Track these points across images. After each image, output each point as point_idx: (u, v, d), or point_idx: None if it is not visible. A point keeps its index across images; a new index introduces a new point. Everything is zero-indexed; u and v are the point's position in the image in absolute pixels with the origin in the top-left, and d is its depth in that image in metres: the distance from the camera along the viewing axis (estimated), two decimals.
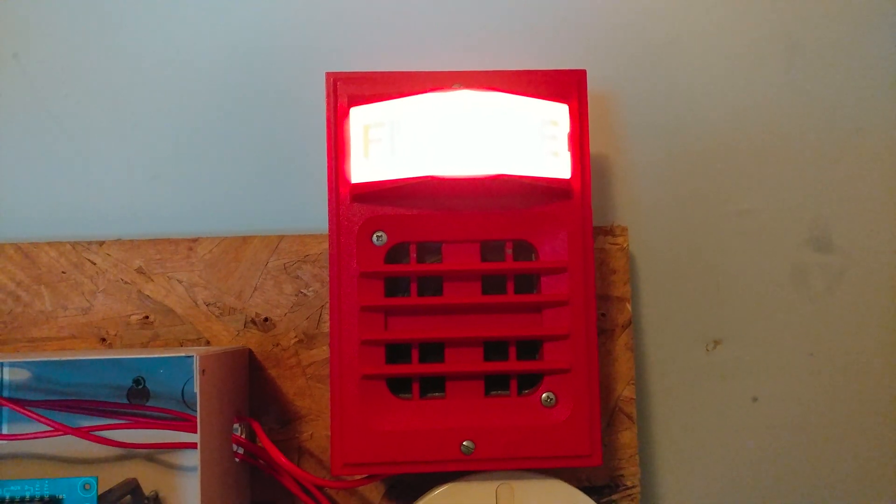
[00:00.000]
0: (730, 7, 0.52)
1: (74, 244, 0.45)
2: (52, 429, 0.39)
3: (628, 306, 0.47)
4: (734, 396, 0.56)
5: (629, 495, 0.47)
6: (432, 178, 0.36)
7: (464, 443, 0.39)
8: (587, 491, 0.44)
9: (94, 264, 0.46)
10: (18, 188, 0.48)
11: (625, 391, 0.47)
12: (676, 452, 0.56)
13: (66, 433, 0.40)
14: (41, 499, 0.39)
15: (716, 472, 0.57)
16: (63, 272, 0.45)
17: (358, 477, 0.41)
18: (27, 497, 0.39)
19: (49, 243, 0.45)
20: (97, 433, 0.40)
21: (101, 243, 0.46)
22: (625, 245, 0.47)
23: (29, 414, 0.40)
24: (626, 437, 0.47)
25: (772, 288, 0.54)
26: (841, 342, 0.56)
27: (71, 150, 0.48)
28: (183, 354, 0.37)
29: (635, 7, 0.51)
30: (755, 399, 0.56)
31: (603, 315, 0.46)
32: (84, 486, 0.39)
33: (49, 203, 0.48)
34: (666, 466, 0.56)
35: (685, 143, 0.52)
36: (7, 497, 0.39)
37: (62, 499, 0.39)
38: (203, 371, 0.36)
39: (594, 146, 0.48)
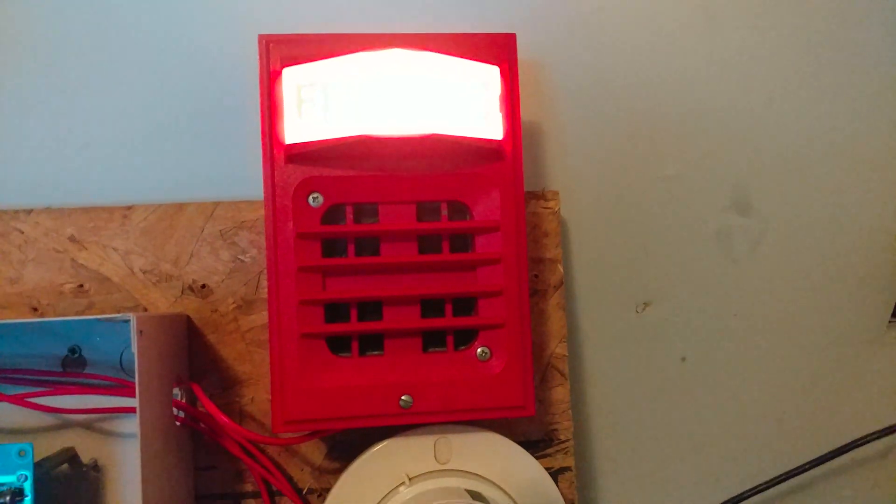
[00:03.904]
0: None
1: (2, 212, 0.44)
2: None
3: (560, 267, 0.49)
4: (664, 356, 0.58)
5: (563, 449, 0.49)
6: (365, 136, 0.37)
7: (402, 397, 0.40)
8: (523, 445, 0.46)
9: (23, 233, 0.45)
10: None
11: (557, 348, 0.49)
12: (608, 409, 0.58)
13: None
14: None
15: (645, 428, 0.59)
16: None
17: (297, 434, 0.41)
18: None
19: None
20: (31, 399, 0.40)
21: (30, 212, 0.45)
22: (556, 209, 0.49)
23: None
24: (560, 392, 0.49)
25: (698, 250, 0.57)
26: (763, 302, 0.59)
27: None
28: (119, 317, 0.37)
29: None
30: (684, 359, 0.58)
31: (536, 276, 0.48)
32: (19, 452, 0.39)
33: None
34: (598, 423, 0.58)
35: (615, 110, 0.53)
36: None
37: None
38: (140, 332, 0.36)
39: (526, 113, 0.50)
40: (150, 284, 0.45)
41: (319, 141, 0.37)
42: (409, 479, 0.42)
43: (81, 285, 0.45)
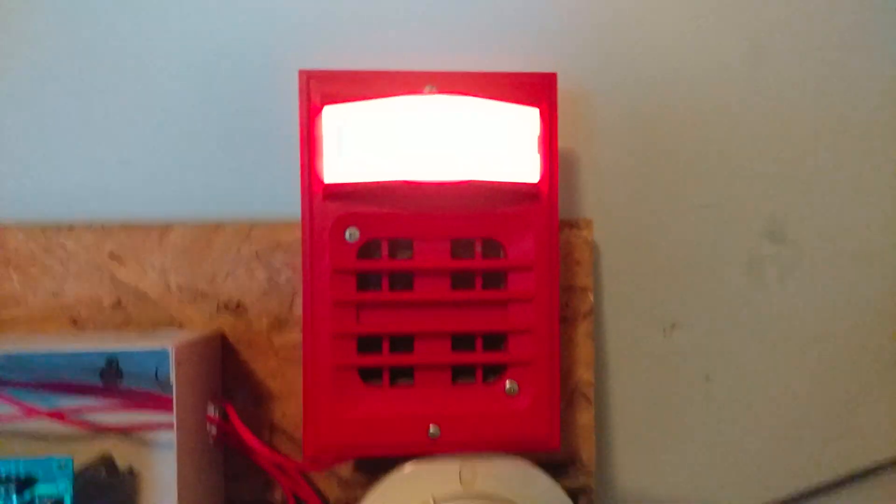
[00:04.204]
0: (694, 8, 0.53)
1: (44, 228, 0.46)
2: (20, 414, 0.41)
3: (591, 296, 0.49)
4: (688, 376, 0.59)
5: (584, 471, 0.50)
6: (405, 182, 0.38)
7: (430, 428, 0.41)
8: (546, 468, 0.47)
9: (65, 248, 0.46)
10: None
11: (584, 375, 0.50)
12: (633, 431, 0.59)
13: (40, 416, 0.41)
14: (17, 478, 0.40)
15: (669, 448, 0.61)
16: (33, 256, 0.46)
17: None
18: (2, 476, 0.40)
19: (18, 227, 0.46)
20: (75, 416, 0.42)
21: (72, 228, 0.46)
22: (589, 238, 0.49)
23: (4, 399, 0.41)
24: (584, 417, 0.50)
25: (728, 276, 0.57)
26: (790, 327, 0.59)
27: (40, 133, 0.48)
28: (158, 347, 0.38)
29: (606, 10, 0.52)
30: (707, 378, 0.59)
31: (566, 304, 0.49)
32: (60, 465, 0.41)
33: (16, 185, 0.48)
34: (622, 445, 0.59)
35: (650, 140, 0.54)
36: None
37: (38, 478, 0.41)
38: (179, 363, 0.38)
39: (563, 140, 0.50)
40: (185, 301, 0.47)
41: (359, 183, 0.38)
42: (435, 502, 0.44)
43: (119, 301, 0.46)
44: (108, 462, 0.45)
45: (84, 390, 0.45)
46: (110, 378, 0.46)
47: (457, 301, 0.42)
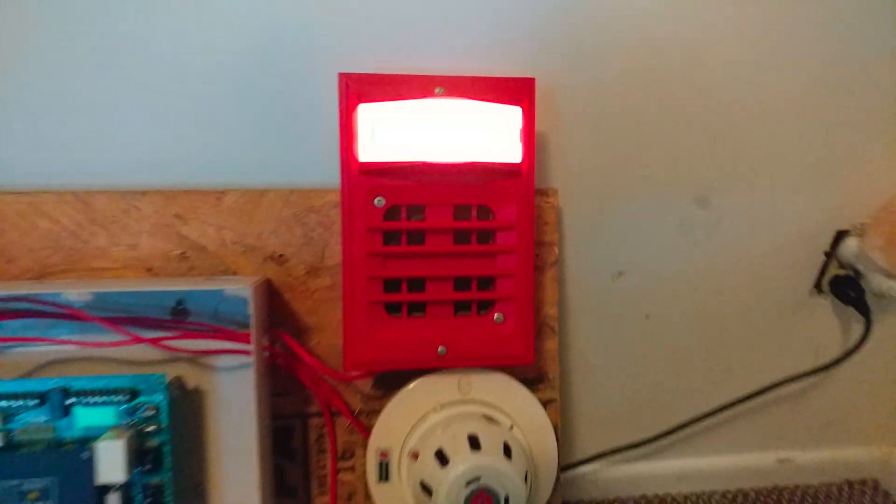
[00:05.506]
0: (637, 24, 0.58)
1: (123, 194, 0.53)
2: (130, 339, 0.51)
3: (556, 249, 0.59)
4: (632, 314, 0.67)
5: (551, 385, 0.61)
6: (420, 162, 0.48)
7: (439, 348, 0.52)
8: (522, 382, 0.57)
9: (140, 210, 0.54)
10: (75, 139, 0.54)
11: (551, 311, 0.60)
12: (588, 357, 0.67)
13: (139, 342, 0.51)
14: (125, 389, 0.50)
15: (615, 370, 0.69)
16: (114, 216, 0.54)
17: (359, 373, 0.54)
18: (117, 388, 0.49)
19: (102, 193, 0.53)
20: (153, 345, 0.52)
21: (145, 193, 0.54)
22: (555, 204, 0.59)
23: (117, 329, 0.50)
24: (550, 344, 0.60)
25: (664, 234, 0.65)
26: (713, 275, 0.67)
27: (119, 114, 0.54)
28: (238, 289, 0.49)
29: (578, 17, 0.57)
30: (647, 316, 0.68)
31: (537, 256, 0.58)
32: (157, 381, 0.50)
33: (102, 157, 0.54)
34: (579, 368, 0.68)
35: (603, 127, 0.60)
36: (101, 387, 0.49)
37: (141, 391, 0.50)
38: (254, 300, 0.48)
39: (539, 127, 0.57)
40: (238, 254, 0.55)
41: (387, 162, 0.48)
42: (440, 406, 0.55)
43: (184, 252, 0.55)
44: (180, 383, 0.53)
45: (158, 325, 0.52)
46: (179, 315, 0.53)
47: (457, 252, 0.52)
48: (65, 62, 0.53)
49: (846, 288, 0.69)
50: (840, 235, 0.69)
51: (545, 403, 0.59)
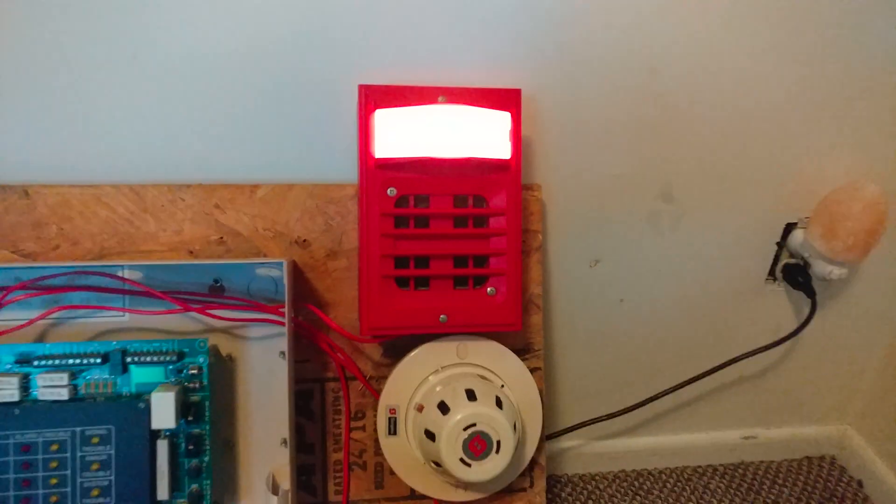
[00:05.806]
0: (605, 40, 0.61)
1: (170, 186, 0.61)
2: (180, 308, 0.59)
3: (540, 236, 0.67)
4: (607, 298, 0.74)
5: (536, 355, 0.69)
6: (427, 158, 0.57)
7: (441, 316, 0.60)
8: (513, 351, 0.65)
9: (184, 200, 0.61)
10: (131, 139, 0.59)
11: (535, 289, 0.68)
12: (567, 332, 0.75)
13: (188, 310, 0.59)
14: (173, 351, 0.58)
15: (591, 345, 0.76)
16: (162, 206, 0.61)
17: (373, 337, 0.61)
18: (168, 350, 0.58)
19: (152, 185, 0.61)
20: (209, 311, 0.60)
21: (188, 186, 0.61)
22: (539, 197, 0.67)
23: (168, 299, 0.57)
24: (536, 319, 0.68)
25: (634, 225, 0.70)
26: (679, 263, 0.73)
27: (163, 114, 0.59)
28: (274, 262, 0.57)
29: (559, 38, 0.61)
30: (621, 300, 0.75)
31: (524, 241, 0.66)
32: (199, 344, 0.58)
33: (150, 155, 0.59)
34: (560, 341, 0.75)
35: (581, 130, 0.65)
36: (153, 349, 0.57)
37: (186, 353, 0.58)
38: (287, 275, 0.56)
39: (525, 131, 0.64)
40: (268, 238, 0.63)
41: (398, 158, 0.57)
42: (441, 369, 0.63)
43: (222, 237, 0.62)
44: (215, 350, 0.61)
45: (199, 299, 0.59)
46: (215, 292, 0.60)
47: (457, 234, 0.59)
48: (131, 74, 0.59)
49: (796, 274, 0.75)
50: (789, 227, 0.75)
51: (531, 370, 0.66)
